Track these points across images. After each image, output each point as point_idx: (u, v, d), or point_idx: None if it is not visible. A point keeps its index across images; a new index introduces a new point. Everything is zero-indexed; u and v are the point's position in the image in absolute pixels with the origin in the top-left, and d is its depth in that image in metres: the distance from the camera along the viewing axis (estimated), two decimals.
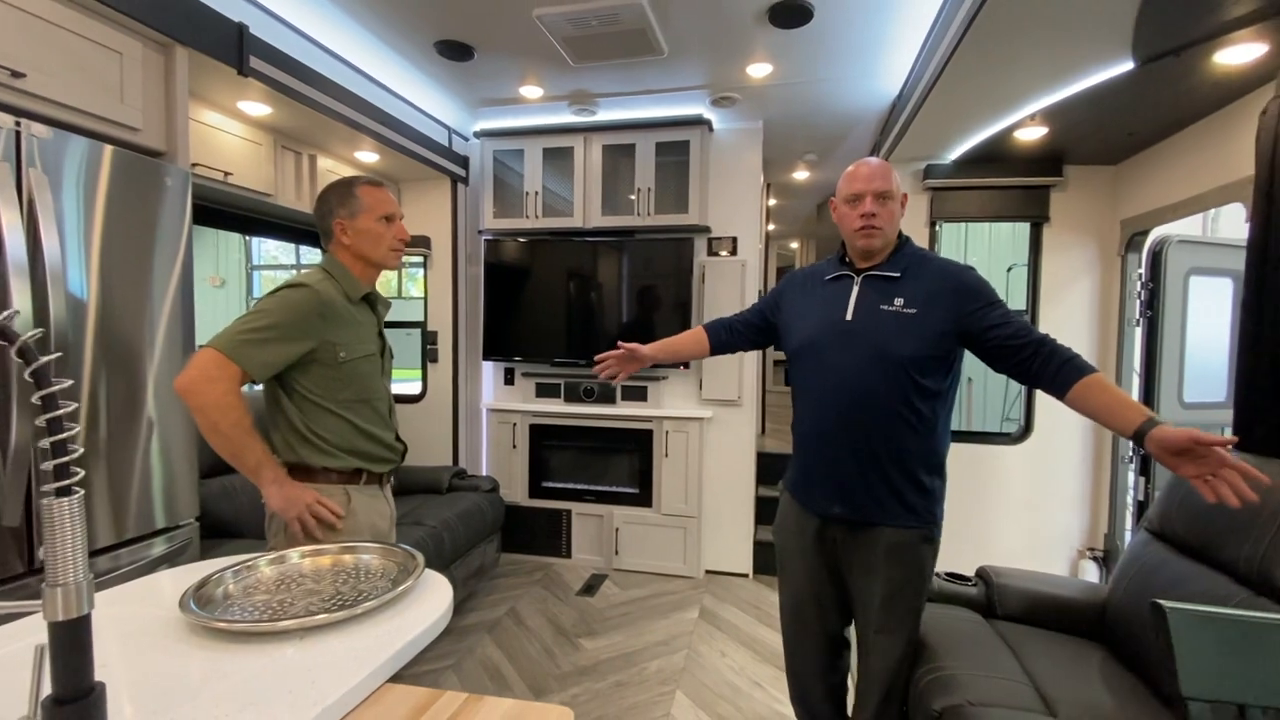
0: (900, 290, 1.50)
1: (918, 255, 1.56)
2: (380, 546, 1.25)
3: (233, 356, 1.33)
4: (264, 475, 1.39)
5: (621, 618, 2.98)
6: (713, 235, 3.52)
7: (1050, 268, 2.93)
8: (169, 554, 1.83)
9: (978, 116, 2.43)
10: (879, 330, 1.49)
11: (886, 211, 1.51)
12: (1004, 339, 1.41)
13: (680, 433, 3.47)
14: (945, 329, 1.45)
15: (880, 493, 1.50)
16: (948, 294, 1.46)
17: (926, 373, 1.46)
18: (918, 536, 1.50)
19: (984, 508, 2.99)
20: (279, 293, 1.43)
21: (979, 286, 1.47)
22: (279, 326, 1.38)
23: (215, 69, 2.10)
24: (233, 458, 1.37)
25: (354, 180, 1.59)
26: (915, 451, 1.49)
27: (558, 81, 3.02)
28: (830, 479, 1.55)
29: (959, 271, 1.50)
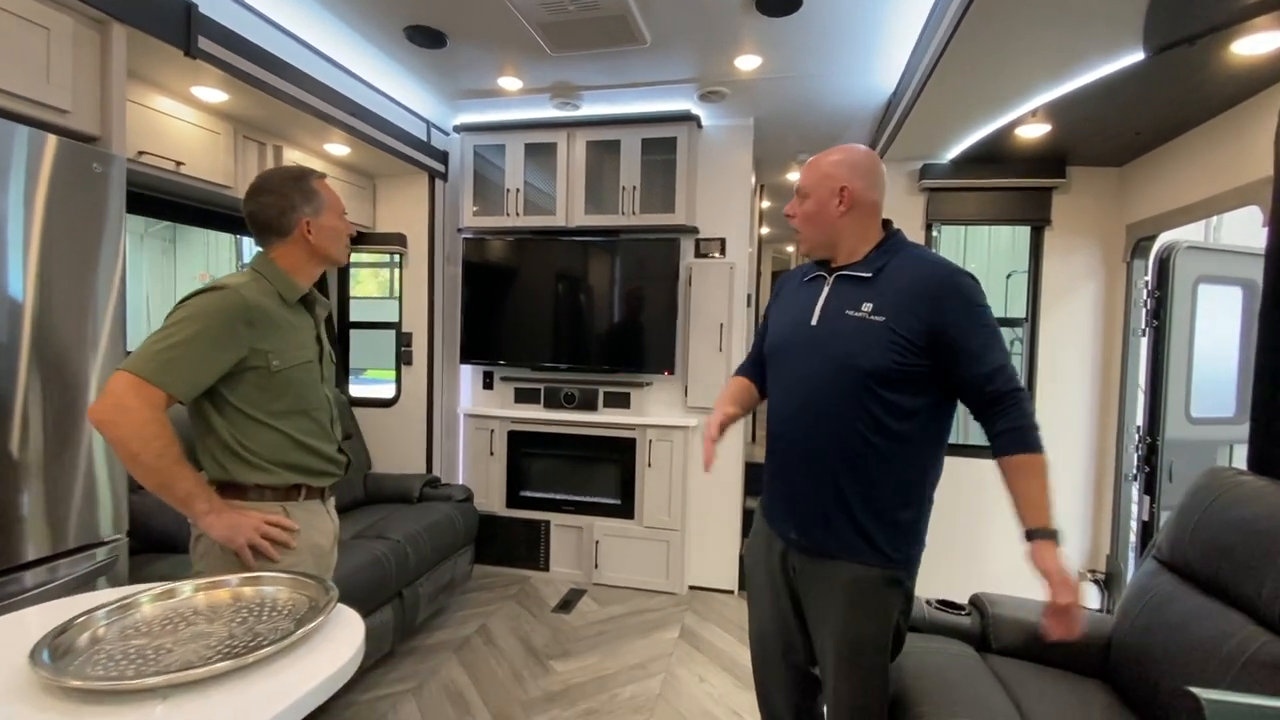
0: (870, 293, 1.31)
1: (901, 253, 1.34)
2: (290, 577, 1.11)
3: (151, 379, 1.19)
4: (196, 506, 1.25)
5: (598, 637, 2.83)
6: (700, 236, 3.38)
7: (1051, 274, 2.79)
8: (90, 574, 1.68)
9: (976, 112, 2.30)
10: (841, 338, 1.31)
11: (802, 210, 1.39)
12: (970, 377, 1.24)
13: (664, 442, 3.33)
14: (915, 340, 1.25)
15: (837, 522, 1.32)
16: (924, 299, 1.26)
17: (896, 388, 1.27)
18: (881, 577, 1.30)
19: (977, 526, 2.85)
20: (195, 299, 1.28)
21: (965, 296, 1.26)
22: (200, 338, 1.24)
23: (161, 50, 1.95)
24: (159, 489, 1.23)
25: (307, 174, 1.46)
26: (882, 479, 1.29)
27: (537, 72, 2.88)
28: (786, 499, 1.41)
29: (945, 274, 1.28)
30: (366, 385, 4.75)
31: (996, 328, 1.27)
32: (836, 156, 1.37)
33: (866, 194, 1.34)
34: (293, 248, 1.43)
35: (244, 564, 1.31)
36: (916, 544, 1.34)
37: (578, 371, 3.46)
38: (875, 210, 1.37)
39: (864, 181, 1.34)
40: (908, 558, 1.33)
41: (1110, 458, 2.68)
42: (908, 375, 1.26)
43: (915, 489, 1.31)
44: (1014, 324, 2.97)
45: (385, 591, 2.40)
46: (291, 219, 1.41)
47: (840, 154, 1.38)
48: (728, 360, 3.31)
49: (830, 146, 1.44)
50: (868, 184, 1.34)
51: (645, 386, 3.42)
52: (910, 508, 1.31)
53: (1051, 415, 2.79)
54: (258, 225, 1.43)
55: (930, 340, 1.24)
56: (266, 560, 1.34)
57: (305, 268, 1.46)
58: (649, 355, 3.32)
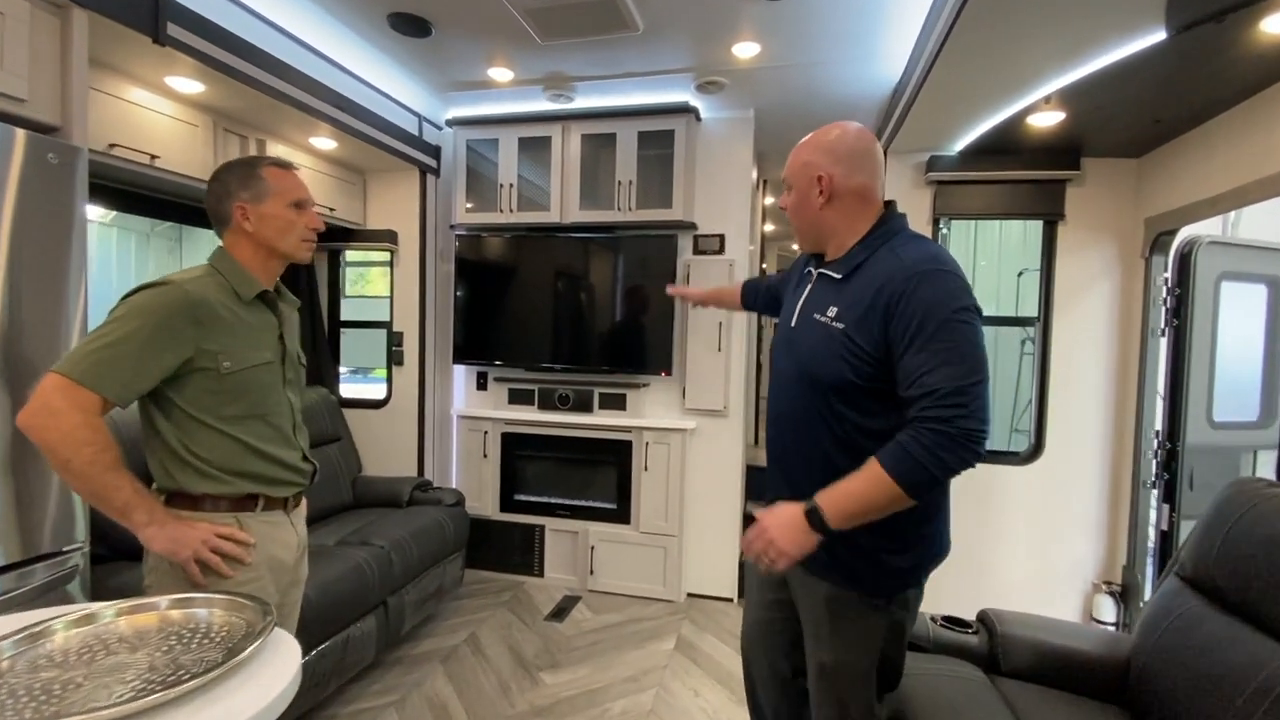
0: (839, 296, 1.18)
1: (884, 246, 1.18)
2: (225, 599, 1.02)
3: (83, 380, 1.11)
4: (135, 518, 1.16)
5: (590, 647, 2.73)
6: (699, 233, 3.27)
7: (1065, 271, 2.66)
8: (46, 585, 1.59)
9: (985, 99, 2.18)
10: (806, 346, 1.21)
11: (788, 203, 1.29)
12: (903, 399, 1.08)
13: (661, 444, 3.22)
14: (873, 352, 1.10)
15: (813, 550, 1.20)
16: (881, 304, 1.10)
17: (860, 406, 1.13)
18: (860, 600, 1.20)
19: (987, 535, 2.73)
20: (135, 295, 1.20)
21: (920, 301, 1.05)
22: (137, 337, 1.15)
23: (128, 37, 1.87)
24: (94, 499, 1.15)
25: (257, 160, 1.38)
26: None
27: (529, 63, 2.78)
28: (775, 499, 1.30)
29: (907, 272, 1.09)
30: (361, 385, 4.68)
31: (961, 347, 1.04)
32: (812, 141, 1.25)
33: (848, 180, 1.20)
34: (238, 238, 1.35)
35: (191, 580, 1.23)
36: (905, 579, 1.20)
37: (573, 372, 3.37)
38: (863, 197, 1.22)
39: (844, 166, 1.20)
40: (888, 588, 1.19)
41: (1127, 464, 2.55)
42: (872, 391, 1.12)
43: (898, 522, 1.09)
44: (1025, 323, 2.84)
45: (367, 601, 2.32)
46: (227, 206, 1.33)
47: (816, 138, 1.25)
48: (727, 361, 3.20)
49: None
50: (849, 168, 1.20)
51: (642, 388, 3.31)
52: (892, 542, 1.15)
53: (1065, 419, 2.67)
54: (209, 214, 1.36)
55: (888, 353, 1.09)
56: (217, 576, 1.26)
57: (257, 261, 1.37)
58: (646, 355, 3.22)
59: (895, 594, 1.20)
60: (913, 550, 1.18)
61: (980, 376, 1.05)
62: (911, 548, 1.17)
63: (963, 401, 1.01)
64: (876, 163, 1.24)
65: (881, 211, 1.23)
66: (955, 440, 1.01)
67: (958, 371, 1.03)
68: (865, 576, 1.18)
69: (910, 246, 1.16)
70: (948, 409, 1.01)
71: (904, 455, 1.03)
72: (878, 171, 1.24)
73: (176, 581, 1.23)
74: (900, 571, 1.18)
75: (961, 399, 1.01)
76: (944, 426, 1.01)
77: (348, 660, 2.25)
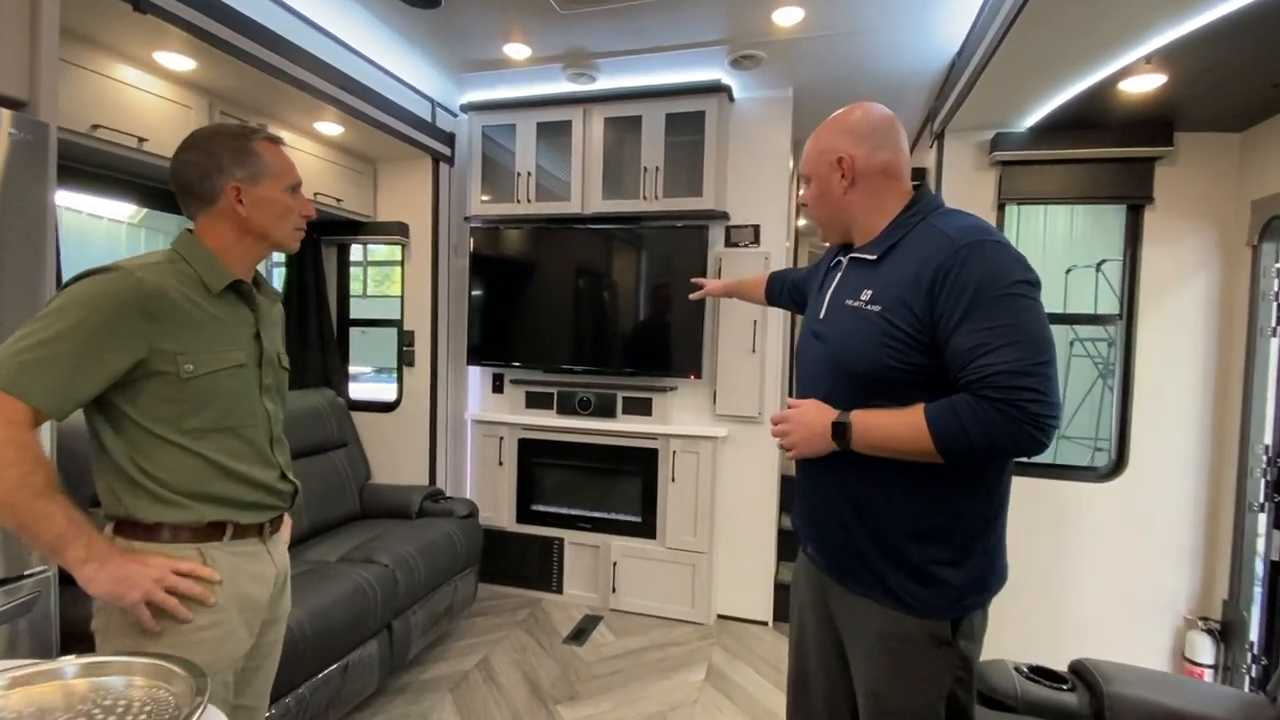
0: (873, 278, 1.09)
1: (916, 225, 1.08)
2: (148, 664, 0.80)
3: (8, 387, 0.91)
4: (70, 555, 0.95)
5: (612, 676, 2.49)
6: (731, 223, 3.01)
7: (1153, 262, 2.34)
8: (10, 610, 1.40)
9: (1070, 62, 1.88)
10: (838, 336, 1.12)
11: (809, 197, 1.22)
12: (950, 356, 0.97)
13: (690, 453, 2.97)
14: (915, 334, 1.00)
15: (844, 558, 1.12)
16: (924, 279, 0.99)
17: (903, 397, 1.01)
18: (923, 632, 1.04)
19: (1061, 561, 2.42)
20: (77, 284, 0.99)
21: (973, 273, 0.95)
22: (76, 334, 0.95)
23: (108, 6, 1.69)
24: (20, 531, 0.94)
25: (250, 131, 1.17)
26: (895, 514, 1.05)
27: (547, 38, 2.55)
28: (803, 509, 1.23)
29: (954, 245, 0.98)
30: (373, 386, 4.51)
31: (1023, 323, 0.93)
32: (828, 126, 1.18)
33: (871, 159, 1.12)
34: (220, 221, 1.14)
35: (143, 626, 1.02)
36: (964, 595, 1.03)
37: (594, 374, 3.13)
38: (890, 174, 1.13)
39: (867, 145, 1.12)
40: (940, 607, 1.03)
41: (1229, 483, 2.22)
42: (917, 380, 1.01)
43: (952, 526, 1.03)
44: (1104, 321, 2.52)
45: (368, 625, 2.11)
46: (217, 183, 1.12)
47: (832, 122, 1.18)
48: (761, 363, 2.94)
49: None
50: (872, 146, 1.12)
51: (669, 392, 3.06)
52: (947, 551, 1.03)
53: (1152, 430, 2.34)
54: (178, 188, 1.14)
55: (934, 335, 0.99)
56: (173, 620, 1.04)
57: (239, 249, 1.17)
58: (673, 356, 2.97)
59: (955, 617, 1.03)
60: (970, 563, 1.03)
61: (1048, 356, 0.93)
62: (968, 560, 1.03)
63: (1031, 384, 0.90)
64: (900, 138, 1.15)
65: (911, 192, 1.14)
66: (1018, 423, 0.90)
67: (1022, 351, 0.91)
68: (916, 595, 1.04)
69: (952, 218, 1.06)
70: (1015, 391, 0.90)
71: (952, 418, 0.94)
72: (902, 147, 1.15)
73: (129, 627, 1.03)
74: (958, 589, 1.03)
75: (1029, 380, 0.90)
76: (1008, 408, 0.90)
77: (347, 690, 2.04)
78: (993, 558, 1.06)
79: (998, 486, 1.06)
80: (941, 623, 1.03)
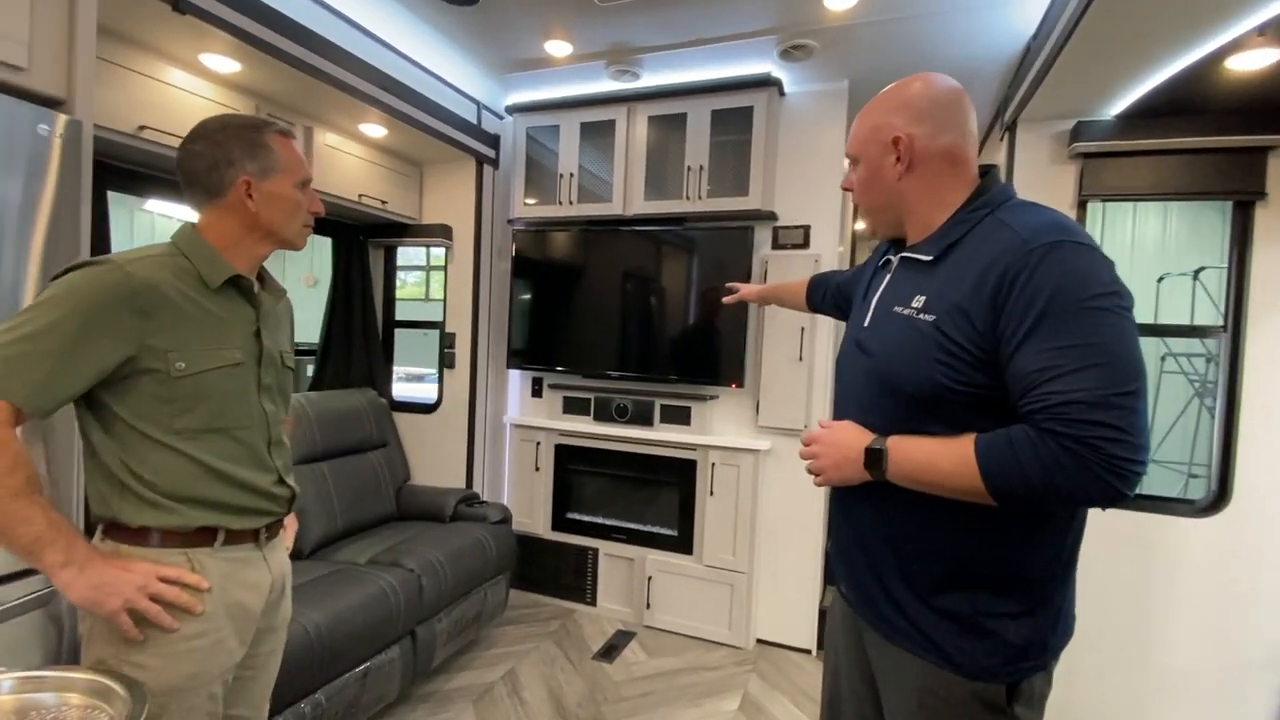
0: (927, 282, 0.93)
1: (983, 220, 0.91)
2: (89, 679, 0.74)
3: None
4: (47, 559, 0.92)
5: (641, 698, 2.37)
6: (779, 224, 2.86)
7: (1265, 266, 2.04)
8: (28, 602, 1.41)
9: (1165, 37, 1.65)
10: (884, 347, 0.97)
11: (855, 181, 1.05)
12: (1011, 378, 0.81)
13: (730, 466, 2.82)
14: (974, 349, 0.83)
15: (879, 602, 0.96)
16: (986, 286, 0.83)
17: (956, 423, 0.86)
18: (968, 694, 0.88)
19: (1147, 609, 2.13)
20: (65, 277, 0.97)
21: (1048, 279, 0.78)
22: (61, 329, 0.92)
23: (151, 9, 1.72)
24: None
25: (261, 124, 1.14)
26: (939, 560, 0.90)
27: (588, 33, 2.48)
28: (838, 542, 1.09)
29: (1028, 245, 0.81)
30: (417, 387, 4.56)
31: (1107, 343, 0.76)
32: (882, 100, 1.01)
33: (933, 140, 0.95)
34: (226, 216, 1.11)
35: (124, 635, 0.98)
36: (1018, 659, 0.86)
37: (631, 380, 3.03)
38: (953, 159, 0.96)
39: (928, 124, 0.95)
40: (1004, 670, 0.86)
41: None
42: (975, 403, 0.85)
43: (1012, 574, 0.87)
44: (1203, 334, 2.22)
45: (390, 631, 2.07)
46: (226, 176, 1.09)
47: (887, 95, 1.01)
48: (809, 372, 2.76)
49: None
50: (935, 125, 0.95)
51: (709, 400, 2.93)
52: (1004, 601, 0.87)
53: (1263, 458, 2.04)
54: (185, 179, 1.11)
55: (996, 351, 0.83)
56: (158, 629, 1.00)
57: (243, 245, 1.14)
58: (712, 364, 2.84)
59: (1012, 680, 0.86)
60: (1032, 618, 0.87)
61: (1136, 385, 0.76)
62: (1030, 614, 0.87)
63: (1111, 419, 0.73)
64: (969, 118, 0.98)
65: (976, 182, 0.97)
66: (1090, 467, 0.73)
67: (1103, 376, 0.74)
68: (964, 650, 0.88)
69: (1026, 213, 0.89)
70: (1089, 426, 0.73)
71: (1008, 455, 0.78)
72: (970, 129, 0.98)
73: (114, 631, 0.99)
74: (1017, 648, 0.87)
75: (1109, 414, 0.73)
76: (1079, 447, 0.73)
77: (366, 696, 2.01)
78: (1060, 611, 0.90)
79: (1070, 528, 0.89)
80: (995, 686, 0.87)
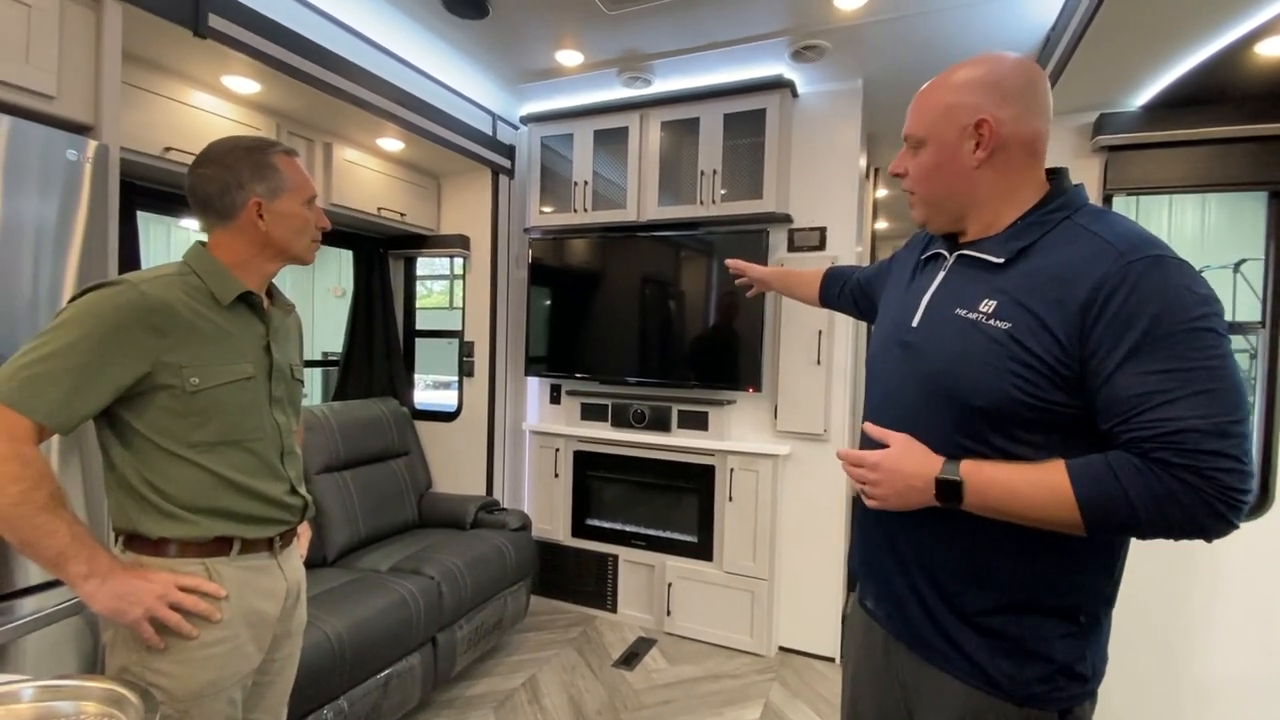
0: (998, 286, 0.85)
1: (1065, 223, 0.84)
2: (103, 689, 0.76)
3: (11, 402, 0.92)
4: (71, 570, 0.96)
5: (661, 706, 2.36)
6: (795, 226, 2.83)
7: None
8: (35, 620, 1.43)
9: (1192, 24, 1.59)
10: (942, 352, 0.88)
11: (916, 164, 0.94)
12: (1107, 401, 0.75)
13: (749, 471, 2.80)
14: (1056, 364, 0.77)
15: (915, 621, 0.91)
16: (1077, 299, 0.77)
17: (1017, 439, 0.81)
18: (1018, 717, 0.83)
19: (1183, 614, 2.04)
20: (82, 298, 1.01)
21: (1150, 297, 0.73)
22: (80, 348, 0.95)
23: (169, 31, 1.78)
24: (23, 548, 0.95)
25: (267, 145, 1.18)
26: (984, 582, 0.85)
27: (598, 41, 2.50)
28: (867, 563, 1.02)
29: (1123, 258, 0.75)
30: (437, 394, 4.63)
31: (1216, 368, 0.71)
32: (965, 73, 0.90)
33: (1021, 126, 0.86)
34: (237, 236, 1.15)
35: (146, 643, 1.01)
36: (1067, 682, 0.82)
37: (648, 386, 3.03)
38: (1035, 153, 0.88)
39: (1017, 107, 0.86)
40: (1056, 697, 0.81)
41: None
42: (1043, 421, 0.79)
43: (1062, 596, 0.82)
44: (1244, 330, 2.13)
45: (411, 638, 2.10)
46: (237, 198, 1.13)
47: (966, 71, 0.90)
48: (827, 375, 2.72)
49: None
50: (1023, 109, 0.86)
51: (726, 405, 2.90)
52: (1056, 623, 0.82)
53: None
54: (196, 203, 1.15)
55: (1083, 369, 0.77)
56: (178, 637, 1.04)
57: (254, 262, 1.17)
58: (730, 368, 2.82)
59: (1064, 707, 0.82)
60: (1083, 640, 0.82)
61: (1246, 411, 0.71)
62: (1081, 635, 0.82)
63: (1228, 449, 0.69)
64: (1050, 104, 0.89)
65: (1046, 182, 0.90)
66: (1205, 500, 0.69)
67: (1217, 404, 0.70)
68: (1010, 675, 0.83)
69: (1111, 222, 0.82)
70: (1207, 457, 0.69)
71: (1113, 486, 0.72)
72: (1051, 118, 0.89)
73: (136, 639, 1.03)
74: (1068, 672, 0.82)
75: (1225, 444, 0.69)
76: (1195, 479, 0.69)
77: (388, 703, 2.03)
78: (1105, 638, 0.86)
79: (1123, 549, 0.85)
80: (1047, 714, 0.82)
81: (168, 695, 1.03)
